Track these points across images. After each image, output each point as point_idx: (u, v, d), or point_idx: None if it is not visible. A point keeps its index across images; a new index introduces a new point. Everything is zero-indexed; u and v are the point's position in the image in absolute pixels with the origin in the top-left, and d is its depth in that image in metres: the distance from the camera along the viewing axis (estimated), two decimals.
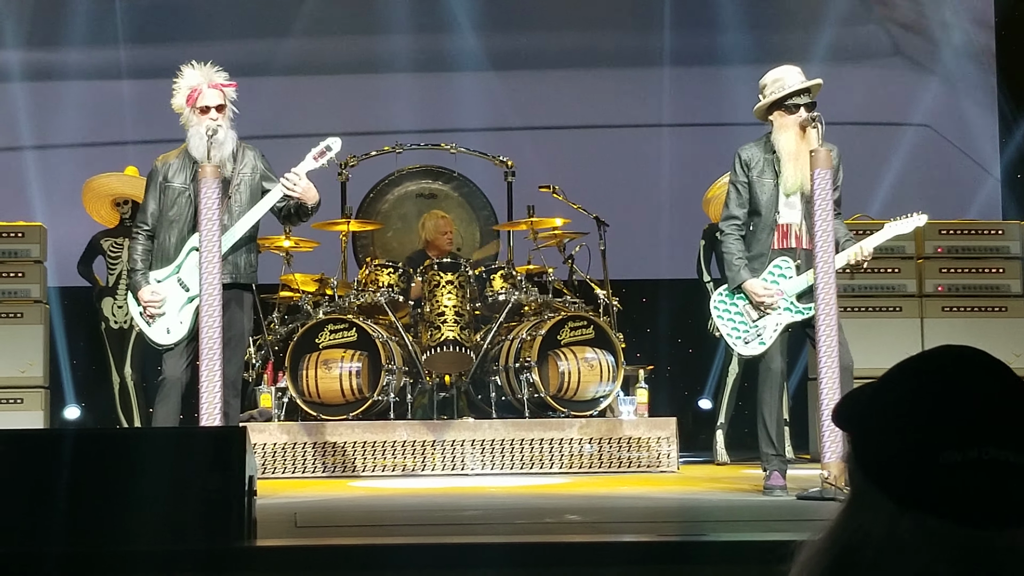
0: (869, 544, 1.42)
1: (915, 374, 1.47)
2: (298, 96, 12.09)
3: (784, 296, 6.88)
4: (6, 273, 9.74)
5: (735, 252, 6.96)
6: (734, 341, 7.01)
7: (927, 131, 11.82)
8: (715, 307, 7.08)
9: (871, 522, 1.42)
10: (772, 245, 6.91)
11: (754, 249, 6.94)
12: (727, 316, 7.01)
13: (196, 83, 6.91)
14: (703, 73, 12.14)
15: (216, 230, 6.57)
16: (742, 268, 6.93)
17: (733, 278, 6.98)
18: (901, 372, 1.48)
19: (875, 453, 1.45)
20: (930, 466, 1.39)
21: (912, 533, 1.40)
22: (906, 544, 1.40)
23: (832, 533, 1.46)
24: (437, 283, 9.10)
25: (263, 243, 8.89)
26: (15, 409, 9.49)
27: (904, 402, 1.45)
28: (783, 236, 6.91)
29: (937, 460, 1.39)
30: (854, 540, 1.43)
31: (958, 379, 1.44)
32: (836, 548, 1.45)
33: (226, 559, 4.37)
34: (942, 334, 9.69)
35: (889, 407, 1.46)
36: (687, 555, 4.57)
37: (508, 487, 7.95)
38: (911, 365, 1.49)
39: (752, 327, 6.94)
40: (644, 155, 12.10)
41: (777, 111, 6.91)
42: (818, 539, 1.47)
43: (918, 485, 1.40)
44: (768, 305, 6.86)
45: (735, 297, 6.99)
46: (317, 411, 8.87)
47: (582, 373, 9.02)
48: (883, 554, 1.41)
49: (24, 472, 4.49)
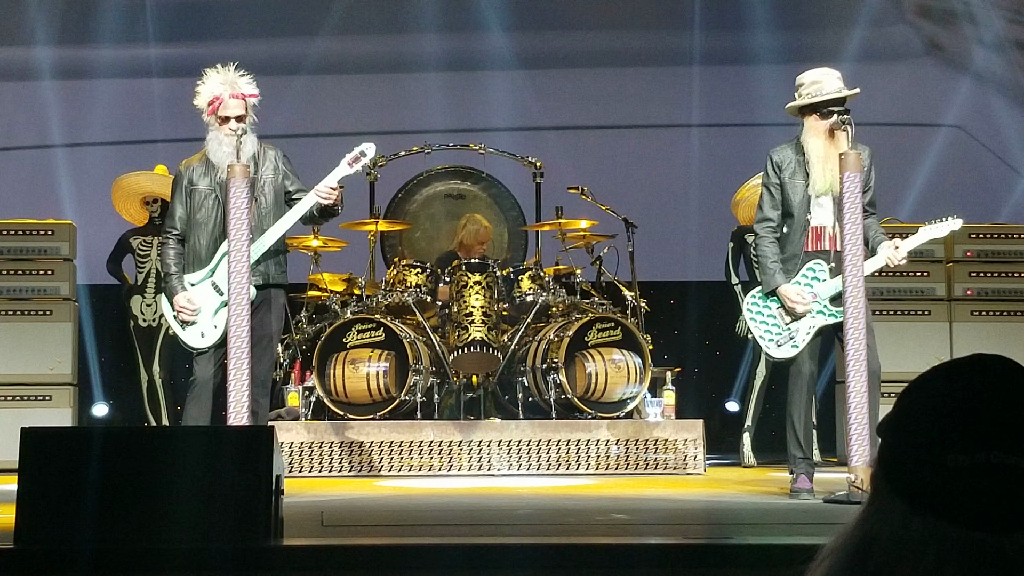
0: (879, 545, 1.42)
1: (932, 381, 1.48)
2: (327, 95, 12.10)
3: (817, 299, 6.86)
4: (36, 271, 9.78)
5: (770, 255, 6.94)
6: (767, 344, 7.00)
7: (958, 133, 11.77)
8: (748, 309, 7.07)
9: (883, 523, 1.43)
10: (805, 247, 6.90)
11: (787, 251, 6.93)
12: (760, 318, 7.00)
13: (218, 92, 6.91)
14: (733, 72, 12.11)
15: (245, 229, 6.59)
16: (777, 272, 6.91)
17: (767, 282, 6.97)
18: (922, 379, 1.49)
19: (891, 456, 1.46)
20: (939, 468, 1.40)
21: (921, 535, 1.40)
22: (915, 546, 1.40)
23: (847, 534, 1.47)
24: (465, 283, 9.10)
25: (291, 242, 8.92)
26: (44, 406, 9.53)
27: (920, 406, 1.46)
28: (816, 238, 6.89)
29: (945, 463, 1.40)
30: (865, 541, 1.44)
31: (971, 384, 1.45)
32: (849, 548, 1.46)
33: (253, 558, 4.39)
34: (971, 338, 9.65)
35: (907, 413, 1.47)
36: (713, 558, 4.56)
37: (535, 488, 7.95)
38: (932, 373, 1.49)
39: (785, 330, 6.93)
40: (673, 156, 12.08)
41: (811, 114, 6.89)
42: (836, 538, 1.48)
43: (927, 487, 1.41)
44: (800, 311, 6.85)
45: (768, 300, 6.98)
46: (344, 410, 8.89)
47: (609, 375, 9.01)
48: (892, 556, 1.41)
49: (54, 470, 4.51)
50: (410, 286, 9.31)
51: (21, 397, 9.59)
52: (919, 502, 1.41)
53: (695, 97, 12.15)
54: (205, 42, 11.57)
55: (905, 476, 1.43)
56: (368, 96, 12.15)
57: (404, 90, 12.19)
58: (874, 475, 1.48)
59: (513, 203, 11.29)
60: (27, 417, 8.60)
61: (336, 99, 12.10)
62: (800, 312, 6.86)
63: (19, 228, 9.89)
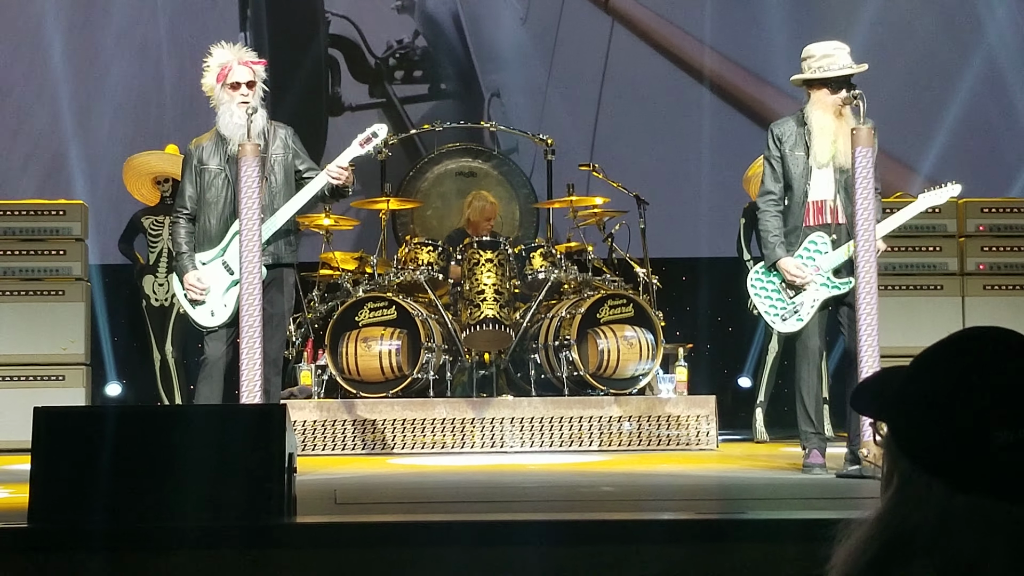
0: (922, 529, 1.42)
1: (952, 357, 1.47)
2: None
3: (820, 272, 6.84)
4: (48, 251, 9.79)
5: (771, 230, 6.93)
6: (772, 318, 6.99)
7: (971, 106, 11.71)
8: (752, 284, 7.06)
9: (922, 507, 1.43)
10: (806, 220, 6.88)
11: (789, 223, 6.92)
12: (764, 293, 6.99)
13: (226, 60, 6.94)
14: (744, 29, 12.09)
15: (256, 208, 6.59)
16: (777, 246, 6.90)
17: (768, 256, 6.96)
18: (936, 356, 1.49)
19: (922, 438, 1.45)
20: (982, 448, 1.40)
21: (966, 515, 1.41)
22: (960, 526, 1.40)
23: (879, 521, 1.46)
24: (477, 261, 9.10)
25: (303, 221, 8.92)
26: (57, 386, 9.56)
27: (946, 385, 1.45)
28: (818, 212, 6.86)
29: (989, 441, 1.40)
30: (906, 526, 1.44)
31: (998, 360, 1.44)
32: (886, 535, 1.45)
33: (266, 535, 4.40)
34: (983, 313, 9.63)
35: (930, 391, 1.46)
36: (726, 533, 4.56)
37: (547, 465, 7.96)
38: (944, 350, 1.49)
39: (789, 303, 6.92)
40: (684, 133, 12.04)
41: (820, 88, 6.86)
42: (865, 523, 1.47)
43: (970, 467, 1.41)
44: (801, 284, 6.84)
45: (771, 274, 6.97)
46: (356, 389, 8.90)
47: (621, 351, 9.01)
48: (937, 537, 1.41)
49: (67, 449, 4.52)
50: (422, 264, 9.30)
51: (34, 377, 9.61)
52: (963, 482, 1.41)
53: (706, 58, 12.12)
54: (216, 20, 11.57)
55: (944, 457, 1.42)
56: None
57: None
58: (895, 459, 1.47)
59: (524, 181, 11.27)
60: (40, 397, 8.59)
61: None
62: (799, 285, 6.85)
63: (31, 208, 9.90)
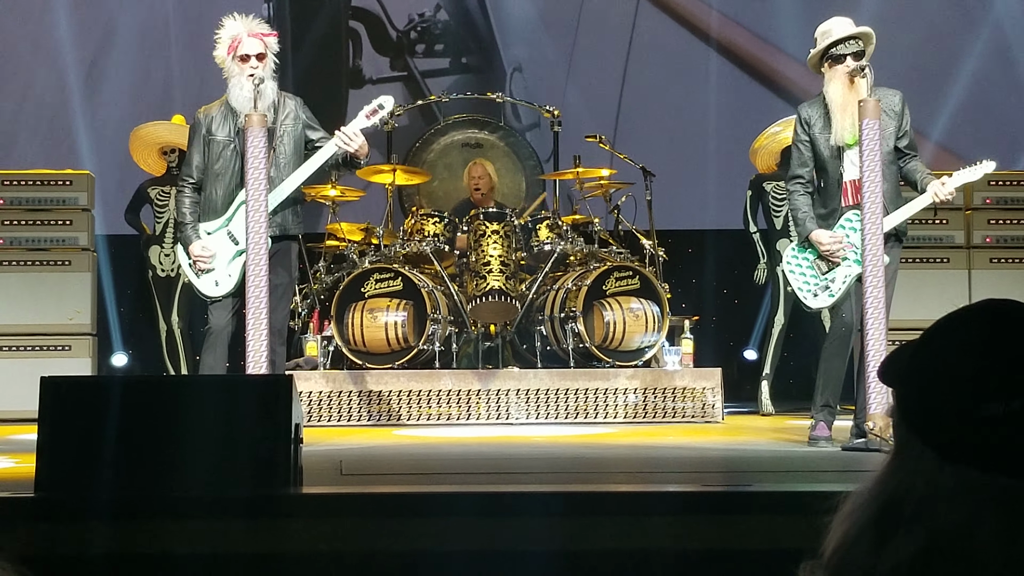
0: (912, 496, 1.42)
1: (956, 328, 1.48)
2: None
3: (854, 248, 6.81)
4: (54, 221, 9.80)
5: (801, 207, 6.93)
6: (804, 295, 6.98)
7: (978, 80, 11.68)
8: (787, 262, 7.06)
9: (914, 474, 1.43)
10: (843, 201, 6.86)
11: (829, 205, 6.90)
12: (799, 271, 6.98)
13: (236, 32, 6.92)
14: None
15: (263, 179, 6.59)
16: (807, 219, 6.90)
17: (801, 231, 6.97)
18: (942, 327, 1.49)
19: (918, 406, 1.45)
20: (972, 418, 1.40)
21: (955, 484, 1.41)
22: (949, 495, 1.40)
23: (876, 485, 1.47)
24: (483, 233, 9.10)
25: (309, 192, 8.92)
26: (63, 356, 9.58)
27: (945, 356, 1.46)
28: (854, 191, 6.83)
29: (979, 412, 1.40)
30: (898, 492, 1.44)
31: (998, 332, 1.45)
32: (880, 499, 1.45)
33: (272, 505, 4.41)
34: (990, 286, 9.62)
35: (930, 361, 1.46)
36: (732, 505, 4.57)
37: (553, 436, 7.97)
38: (952, 320, 1.49)
39: (822, 279, 6.90)
40: (691, 105, 12.02)
41: (826, 62, 6.86)
42: (862, 491, 1.48)
43: (960, 437, 1.41)
44: (834, 253, 6.82)
45: (806, 251, 6.96)
46: (363, 360, 8.91)
47: (627, 323, 9.01)
48: (926, 505, 1.41)
49: (73, 419, 4.53)
50: (428, 235, 9.30)
51: (41, 347, 9.63)
52: (952, 452, 1.41)
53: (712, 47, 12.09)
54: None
55: (935, 426, 1.42)
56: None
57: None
58: (896, 425, 1.48)
59: (531, 152, 11.26)
60: (47, 367, 8.62)
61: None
62: (833, 254, 6.83)
63: (37, 178, 9.91)
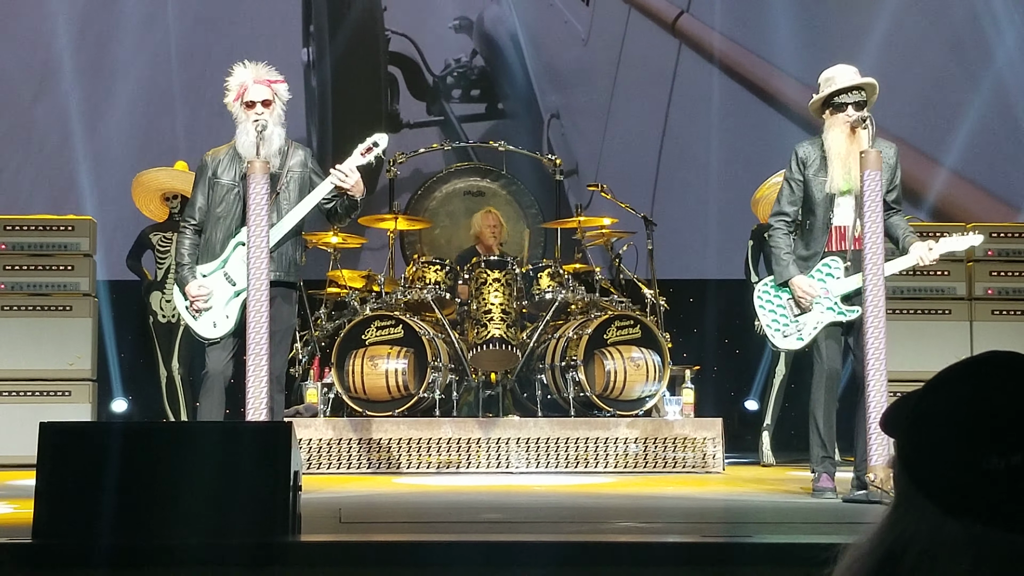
0: (913, 549, 1.41)
1: (959, 380, 1.47)
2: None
3: (829, 296, 6.84)
4: (56, 266, 9.80)
5: (783, 247, 6.94)
6: (772, 333, 7.00)
7: (980, 131, 11.72)
8: (759, 297, 7.06)
9: (915, 527, 1.42)
10: (827, 246, 6.87)
11: (811, 248, 6.91)
12: (769, 307, 6.99)
13: (244, 79, 6.94)
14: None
15: (264, 225, 6.59)
16: (790, 263, 6.91)
17: (780, 272, 6.96)
18: (945, 378, 1.48)
19: (920, 458, 1.45)
20: (975, 471, 1.39)
21: (956, 538, 1.40)
22: (950, 549, 1.40)
23: (876, 537, 1.46)
24: (484, 280, 9.10)
25: (311, 239, 8.93)
26: (63, 402, 9.55)
27: (948, 408, 1.45)
28: (840, 238, 6.85)
29: (981, 466, 1.39)
30: (898, 544, 1.43)
31: (1001, 385, 1.44)
32: (880, 552, 1.44)
33: (271, 554, 4.39)
34: (992, 338, 9.61)
35: (933, 413, 1.46)
36: (732, 556, 4.55)
37: (553, 486, 7.94)
38: (955, 371, 1.48)
39: (793, 322, 6.92)
40: (693, 155, 12.07)
41: (827, 109, 6.88)
42: (862, 542, 1.47)
43: (963, 490, 1.40)
44: (809, 303, 6.84)
45: (780, 290, 6.97)
46: (363, 407, 8.89)
47: (628, 372, 9.00)
48: (926, 558, 1.40)
49: (72, 465, 4.52)
50: (429, 283, 9.30)
51: (41, 392, 9.61)
52: (954, 505, 1.40)
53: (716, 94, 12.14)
54: (226, 36, 11.60)
55: (937, 478, 1.42)
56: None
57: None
58: (897, 476, 1.47)
59: (532, 200, 11.29)
60: (46, 412, 8.62)
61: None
62: (807, 305, 6.85)
63: (39, 224, 9.91)
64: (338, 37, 12.19)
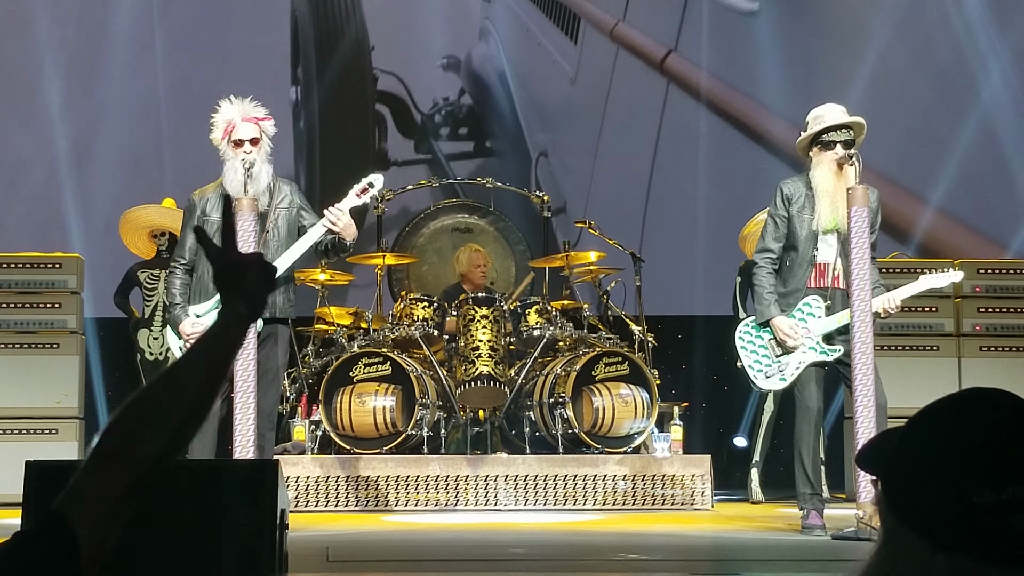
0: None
1: (944, 416, 1.47)
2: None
3: (810, 335, 6.84)
4: (43, 304, 9.77)
5: (766, 286, 6.95)
6: (755, 374, 7.00)
7: (966, 167, 11.76)
8: (740, 337, 7.07)
9: (904, 563, 1.42)
10: (808, 283, 6.88)
11: (790, 285, 6.91)
12: (751, 347, 7.00)
13: (231, 116, 6.94)
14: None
15: None
16: (772, 304, 6.91)
17: (762, 312, 6.96)
18: (929, 415, 1.48)
19: (907, 495, 1.44)
20: (963, 507, 1.39)
21: (946, 573, 1.38)
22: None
23: (865, 574, 1.45)
24: (472, 317, 9.09)
25: (299, 276, 8.91)
26: (50, 440, 9.51)
27: (934, 444, 1.45)
28: (820, 275, 6.88)
29: (971, 501, 1.38)
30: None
31: (986, 419, 1.44)
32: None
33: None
34: (980, 374, 9.61)
35: (919, 449, 1.46)
36: None
37: (542, 523, 7.92)
38: (939, 408, 1.48)
39: (775, 362, 6.92)
40: (681, 192, 12.10)
41: (815, 147, 6.90)
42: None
43: (951, 526, 1.39)
44: (791, 345, 6.84)
45: (761, 330, 6.97)
46: (351, 444, 8.86)
47: (616, 409, 8.99)
48: None
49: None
50: (417, 320, 9.29)
51: (27, 430, 9.56)
52: (944, 540, 1.40)
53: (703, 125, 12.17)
54: (213, 73, 11.62)
55: (926, 516, 1.41)
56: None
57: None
58: (884, 515, 1.47)
59: (520, 237, 11.30)
60: (33, 450, 8.57)
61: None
62: (790, 346, 6.85)
63: (27, 261, 9.89)
64: (326, 76, 12.23)
